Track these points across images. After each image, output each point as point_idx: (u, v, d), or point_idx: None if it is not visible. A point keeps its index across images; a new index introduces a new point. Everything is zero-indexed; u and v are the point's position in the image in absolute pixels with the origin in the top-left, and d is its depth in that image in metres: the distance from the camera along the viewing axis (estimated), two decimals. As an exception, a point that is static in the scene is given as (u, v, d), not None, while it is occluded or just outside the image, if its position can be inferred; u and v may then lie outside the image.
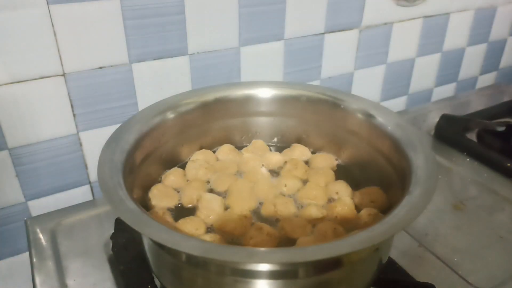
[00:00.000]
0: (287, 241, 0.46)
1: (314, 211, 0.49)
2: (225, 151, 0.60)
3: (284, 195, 0.53)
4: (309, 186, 0.53)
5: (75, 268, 0.53)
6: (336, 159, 0.60)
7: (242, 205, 0.50)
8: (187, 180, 0.55)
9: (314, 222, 0.48)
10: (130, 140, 0.48)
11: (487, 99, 1.01)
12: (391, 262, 0.52)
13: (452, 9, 0.92)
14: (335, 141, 0.59)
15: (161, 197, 0.51)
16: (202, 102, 0.57)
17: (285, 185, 0.53)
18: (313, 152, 0.61)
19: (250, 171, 0.56)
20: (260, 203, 0.51)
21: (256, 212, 0.50)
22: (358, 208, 0.50)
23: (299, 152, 0.60)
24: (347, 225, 0.48)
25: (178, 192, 0.53)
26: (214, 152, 0.60)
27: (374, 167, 0.54)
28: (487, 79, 1.13)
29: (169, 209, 0.50)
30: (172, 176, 0.54)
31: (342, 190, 0.53)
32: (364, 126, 0.55)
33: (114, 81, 0.62)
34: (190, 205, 0.51)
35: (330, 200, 0.52)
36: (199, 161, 0.57)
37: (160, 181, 0.54)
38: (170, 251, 0.40)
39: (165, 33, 0.63)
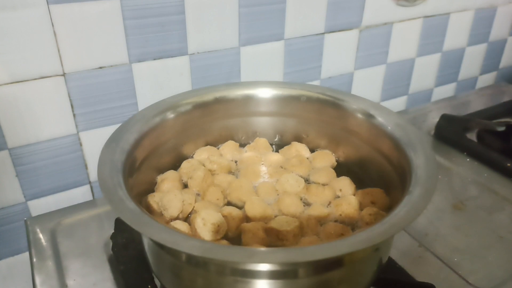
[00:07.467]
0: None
1: (320, 210, 0.49)
2: (230, 146, 0.60)
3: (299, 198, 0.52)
4: (315, 186, 0.53)
5: (75, 268, 0.53)
6: (336, 158, 0.59)
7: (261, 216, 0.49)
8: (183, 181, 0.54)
9: (321, 221, 0.48)
10: (130, 140, 0.48)
11: (487, 99, 1.01)
12: (391, 262, 0.52)
13: (452, 9, 0.92)
14: (335, 141, 0.59)
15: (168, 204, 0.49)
16: (202, 102, 0.57)
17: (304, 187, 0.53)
18: (312, 151, 0.61)
19: (248, 169, 0.56)
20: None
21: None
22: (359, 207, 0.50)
23: (297, 150, 0.60)
24: (351, 223, 0.48)
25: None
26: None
27: (374, 167, 0.54)
28: (487, 79, 1.13)
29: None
30: (168, 182, 0.53)
31: (346, 186, 0.53)
32: (364, 126, 0.55)
33: (114, 81, 0.62)
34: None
35: (335, 197, 0.52)
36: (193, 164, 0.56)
37: (156, 183, 0.54)
38: (170, 251, 0.40)
39: (165, 33, 0.63)
